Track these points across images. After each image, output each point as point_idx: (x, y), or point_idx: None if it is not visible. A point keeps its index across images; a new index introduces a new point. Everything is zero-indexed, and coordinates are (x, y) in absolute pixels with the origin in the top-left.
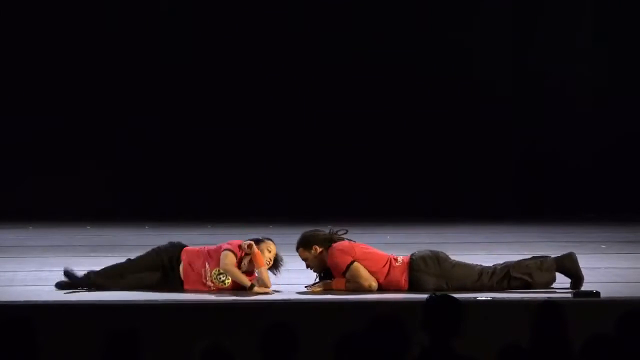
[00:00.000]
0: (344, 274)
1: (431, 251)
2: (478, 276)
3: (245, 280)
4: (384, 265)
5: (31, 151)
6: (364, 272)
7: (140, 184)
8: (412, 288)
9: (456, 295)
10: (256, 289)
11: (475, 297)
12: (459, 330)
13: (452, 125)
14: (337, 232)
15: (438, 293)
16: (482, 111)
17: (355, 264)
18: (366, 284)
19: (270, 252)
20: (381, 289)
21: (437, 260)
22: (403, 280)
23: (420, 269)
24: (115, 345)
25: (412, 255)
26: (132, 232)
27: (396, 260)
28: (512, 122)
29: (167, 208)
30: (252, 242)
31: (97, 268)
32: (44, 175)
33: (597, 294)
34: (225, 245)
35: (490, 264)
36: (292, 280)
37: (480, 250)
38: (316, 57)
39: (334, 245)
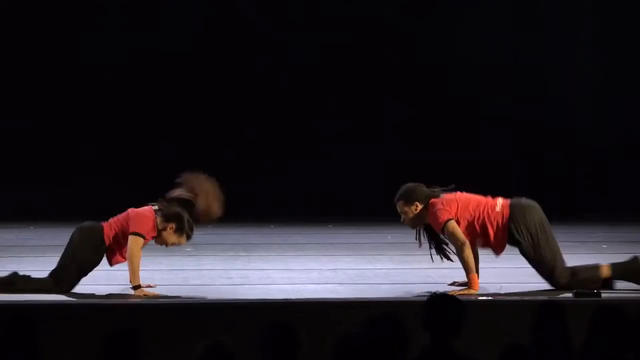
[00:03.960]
0: (442, 230)
1: (536, 206)
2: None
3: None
4: (482, 211)
5: (31, 150)
6: (458, 231)
7: (140, 183)
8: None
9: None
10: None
11: (476, 297)
12: (459, 330)
13: (451, 125)
14: (436, 189)
15: (438, 292)
16: (482, 111)
17: (451, 222)
18: (459, 243)
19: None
20: (476, 236)
21: (542, 223)
22: (501, 233)
23: (519, 221)
24: (115, 345)
25: (512, 201)
26: None
27: (495, 206)
28: (512, 122)
29: None
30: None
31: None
32: (44, 175)
33: (598, 294)
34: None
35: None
36: (292, 280)
37: (480, 250)
38: (317, 58)
39: (433, 201)
